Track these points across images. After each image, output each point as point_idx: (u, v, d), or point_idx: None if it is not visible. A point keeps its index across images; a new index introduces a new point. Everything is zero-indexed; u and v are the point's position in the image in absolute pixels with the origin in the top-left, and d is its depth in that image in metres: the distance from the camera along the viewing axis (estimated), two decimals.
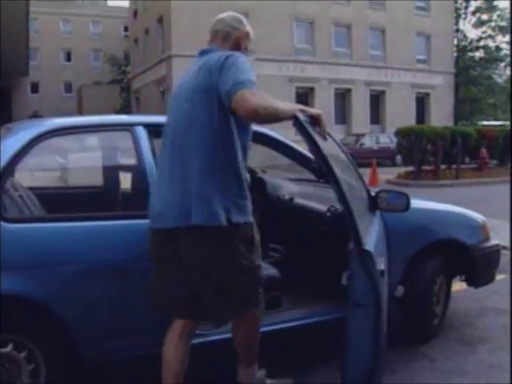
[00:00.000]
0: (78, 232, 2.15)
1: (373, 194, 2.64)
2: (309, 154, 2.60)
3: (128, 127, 2.39)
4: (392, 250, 2.68)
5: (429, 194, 7.35)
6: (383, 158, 18.00)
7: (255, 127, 2.22)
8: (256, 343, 2.08)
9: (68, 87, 40.55)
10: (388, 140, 19.15)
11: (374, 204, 2.60)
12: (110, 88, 32.88)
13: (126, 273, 2.18)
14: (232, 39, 2.05)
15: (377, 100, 26.17)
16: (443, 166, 13.23)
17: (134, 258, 2.18)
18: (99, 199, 2.90)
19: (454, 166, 13.11)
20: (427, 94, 27.44)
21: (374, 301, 1.87)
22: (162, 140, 2.03)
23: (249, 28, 2.11)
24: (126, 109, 30.57)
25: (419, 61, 27.07)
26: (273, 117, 1.78)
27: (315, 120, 2.00)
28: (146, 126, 2.41)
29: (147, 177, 2.27)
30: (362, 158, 15.76)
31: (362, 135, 20.22)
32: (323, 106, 23.22)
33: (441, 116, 26.10)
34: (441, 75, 27.57)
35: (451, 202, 3.30)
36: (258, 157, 2.55)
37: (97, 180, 3.19)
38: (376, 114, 26.08)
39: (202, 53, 2.02)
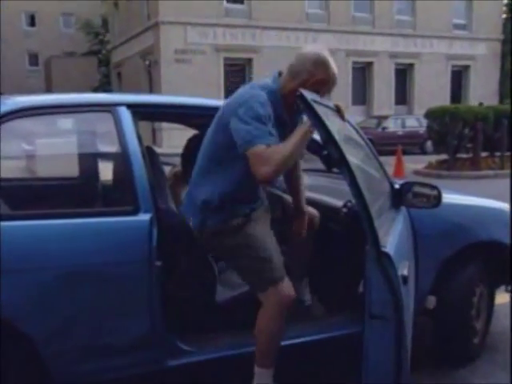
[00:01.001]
0: (48, 232, 2.16)
1: (397, 186, 2.66)
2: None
3: (109, 108, 2.41)
4: (421, 253, 2.70)
5: (466, 187, 7.36)
6: (410, 144, 18.01)
7: None
8: (276, 339, 2.29)
9: (33, 59, 40.35)
10: (416, 123, 19.14)
11: (398, 199, 2.62)
12: (85, 61, 32.78)
13: (107, 280, 2.21)
14: (300, 79, 2.28)
15: (403, 75, 26.06)
16: (484, 154, 13.20)
17: (116, 261, 2.21)
18: (74, 193, 2.93)
19: (497, 154, 13.08)
20: (466, 67, 27.25)
21: (394, 312, 1.89)
22: None
23: (329, 73, 2.31)
24: (105, 86, 30.54)
25: (457, 26, 26.81)
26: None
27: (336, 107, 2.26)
28: (130, 106, 2.43)
29: (132, 166, 2.30)
30: (384, 145, 15.72)
31: (385, 118, 20.20)
32: (339, 83, 23.07)
33: (483, 93, 25.94)
34: (484, 43, 27.31)
35: (494, 197, 3.31)
36: None
37: (71, 170, 3.20)
38: (402, 92, 25.98)
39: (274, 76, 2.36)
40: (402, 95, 25.92)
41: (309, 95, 1.96)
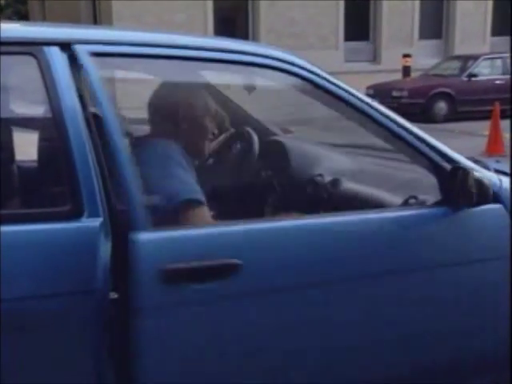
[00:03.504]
0: None
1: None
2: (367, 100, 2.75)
3: (31, 48, 2.42)
4: None
5: None
6: None
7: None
8: None
9: None
10: None
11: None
12: None
13: (30, 324, 2.21)
14: None
15: None
16: None
17: (43, 295, 2.23)
18: None
19: None
20: None
21: None
22: None
23: None
24: (16, 6, 30.51)
25: None
26: None
27: None
28: (66, 46, 2.44)
29: (69, 140, 2.30)
30: (471, 103, 15.72)
31: (475, 58, 20.08)
32: (397, 8, 23.09)
33: None
34: None
35: None
36: (276, 106, 2.60)
37: None
38: (503, 16, 25.87)
39: None
40: (503, 22, 25.75)
41: None
